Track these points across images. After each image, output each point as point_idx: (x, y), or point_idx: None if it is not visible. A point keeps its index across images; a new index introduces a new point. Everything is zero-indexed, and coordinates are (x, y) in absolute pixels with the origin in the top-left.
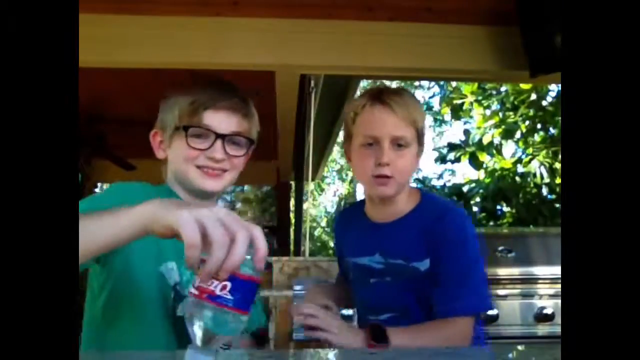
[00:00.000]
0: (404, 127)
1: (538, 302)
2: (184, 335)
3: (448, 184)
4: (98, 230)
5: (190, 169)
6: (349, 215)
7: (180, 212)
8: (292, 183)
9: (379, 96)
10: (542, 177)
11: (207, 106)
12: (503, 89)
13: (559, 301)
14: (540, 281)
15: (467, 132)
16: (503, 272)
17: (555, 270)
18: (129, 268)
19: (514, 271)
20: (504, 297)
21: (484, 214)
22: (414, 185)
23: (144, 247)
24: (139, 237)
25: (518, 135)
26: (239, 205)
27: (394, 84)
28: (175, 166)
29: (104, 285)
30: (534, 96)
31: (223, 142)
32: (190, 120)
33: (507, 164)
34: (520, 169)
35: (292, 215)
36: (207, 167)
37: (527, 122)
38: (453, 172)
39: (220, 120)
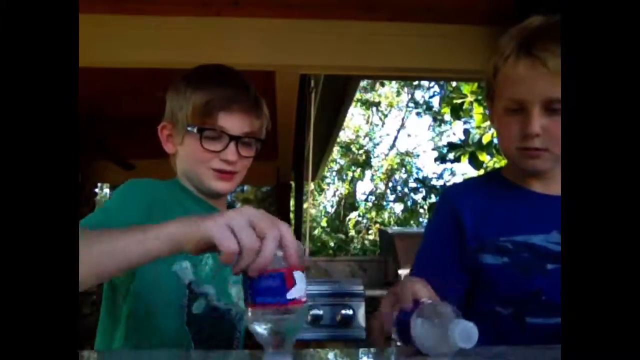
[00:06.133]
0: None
1: None
2: (198, 334)
3: (448, 184)
4: (126, 247)
5: (203, 171)
6: (485, 185)
7: (211, 223)
8: (292, 183)
9: (527, 46)
10: None
11: (222, 107)
12: None
13: None
14: None
15: (467, 132)
16: None
17: None
18: (143, 270)
19: None
20: None
21: None
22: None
23: None
24: (168, 255)
25: None
26: (238, 205)
27: (393, 84)
28: (187, 165)
29: (127, 291)
30: None
31: (237, 144)
32: (204, 121)
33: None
34: None
35: (292, 215)
36: (220, 170)
37: None
38: (453, 172)
39: (234, 121)
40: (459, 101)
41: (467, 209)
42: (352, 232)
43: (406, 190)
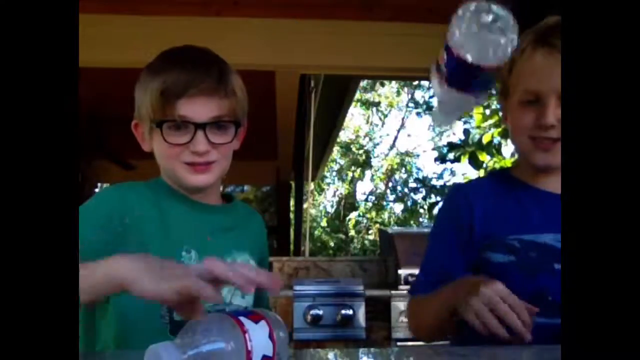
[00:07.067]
0: None
1: None
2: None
3: (448, 184)
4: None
5: (175, 166)
6: (493, 184)
7: (153, 287)
8: (292, 183)
9: (543, 37)
10: None
11: (179, 95)
12: None
13: None
14: None
15: (467, 132)
16: None
17: None
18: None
19: None
20: None
21: None
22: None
23: None
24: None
25: None
26: (239, 198)
27: (393, 84)
28: (161, 161)
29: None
30: None
31: (204, 131)
32: (164, 113)
33: (507, 163)
34: None
35: (292, 215)
36: (192, 163)
37: None
38: (453, 172)
39: (197, 108)
40: None
41: (478, 206)
42: (352, 232)
43: (406, 190)
